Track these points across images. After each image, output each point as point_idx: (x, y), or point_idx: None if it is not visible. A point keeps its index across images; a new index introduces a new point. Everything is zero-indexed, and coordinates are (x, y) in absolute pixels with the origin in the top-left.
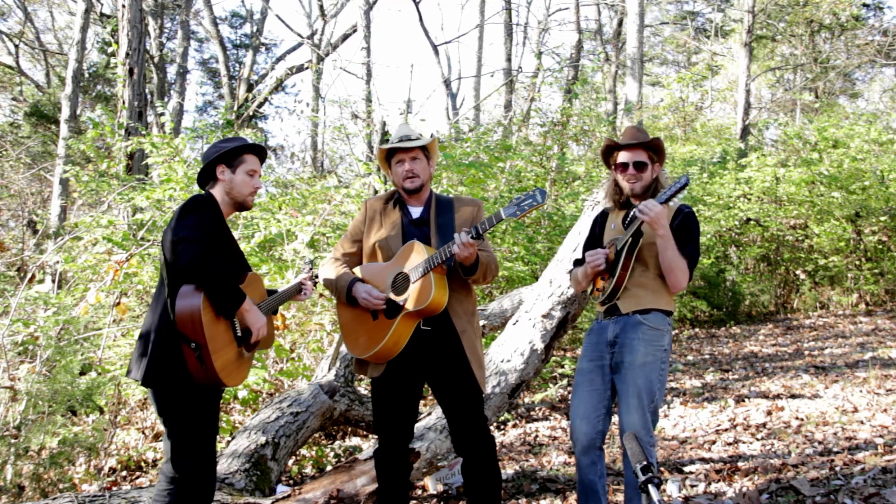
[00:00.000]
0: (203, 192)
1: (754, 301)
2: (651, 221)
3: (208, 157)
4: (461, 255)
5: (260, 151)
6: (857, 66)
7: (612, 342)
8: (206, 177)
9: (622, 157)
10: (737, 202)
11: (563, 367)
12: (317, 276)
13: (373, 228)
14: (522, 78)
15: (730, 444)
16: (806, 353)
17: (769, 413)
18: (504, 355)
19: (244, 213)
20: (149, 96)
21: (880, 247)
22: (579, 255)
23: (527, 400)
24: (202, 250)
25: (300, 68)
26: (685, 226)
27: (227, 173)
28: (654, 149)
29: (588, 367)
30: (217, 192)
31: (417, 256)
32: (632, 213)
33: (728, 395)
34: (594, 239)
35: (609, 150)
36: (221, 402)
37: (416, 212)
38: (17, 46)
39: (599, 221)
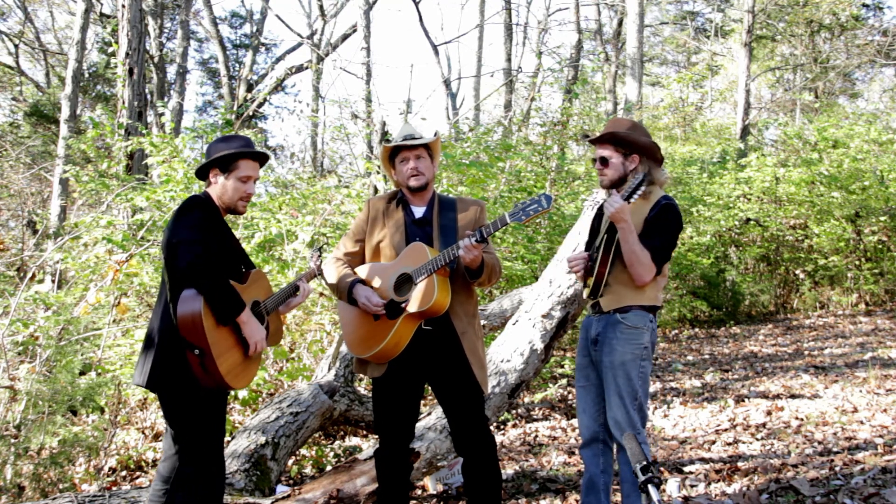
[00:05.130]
0: (201, 191)
1: (754, 301)
2: (612, 216)
3: (207, 156)
4: (466, 258)
5: (258, 156)
6: (856, 66)
7: (594, 340)
8: (204, 175)
9: (596, 151)
10: (737, 202)
11: (563, 366)
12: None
13: (375, 228)
14: (522, 78)
15: (730, 444)
16: (806, 353)
17: (769, 413)
18: (504, 355)
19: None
20: (149, 96)
21: (880, 247)
22: None
23: (527, 400)
24: (201, 250)
25: (300, 68)
26: (658, 218)
27: (219, 178)
28: (621, 142)
29: (583, 363)
30: (212, 192)
31: (421, 258)
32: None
33: (728, 395)
34: (595, 233)
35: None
36: None
37: (419, 211)
38: (17, 46)
39: (598, 216)
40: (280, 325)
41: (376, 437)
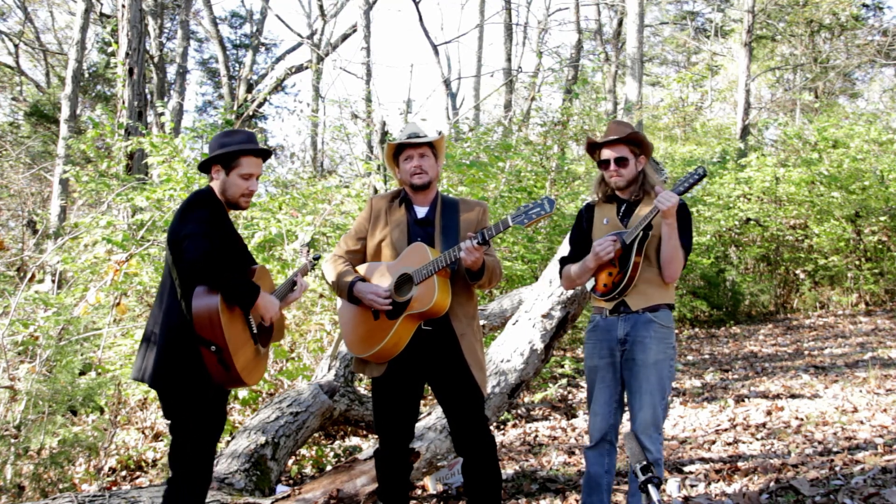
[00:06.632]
0: (204, 186)
1: (754, 301)
2: (667, 211)
3: (210, 151)
4: (467, 260)
5: (259, 153)
6: (856, 66)
7: (622, 340)
8: (207, 170)
9: (604, 154)
10: (737, 202)
11: (563, 367)
12: (316, 259)
13: (377, 227)
14: (522, 78)
15: (730, 444)
16: (806, 353)
17: (769, 413)
18: (504, 355)
19: (244, 213)
20: (149, 96)
21: (880, 247)
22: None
23: (527, 400)
24: (209, 244)
25: (300, 68)
26: (680, 217)
27: (221, 174)
28: (636, 142)
29: (601, 365)
30: (214, 187)
31: (422, 258)
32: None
33: (728, 395)
34: (581, 233)
35: (592, 147)
36: None
37: (421, 211)
38: (17, 46)
39: (585, 216)
40: (283, 322)
41: (376, 437)
